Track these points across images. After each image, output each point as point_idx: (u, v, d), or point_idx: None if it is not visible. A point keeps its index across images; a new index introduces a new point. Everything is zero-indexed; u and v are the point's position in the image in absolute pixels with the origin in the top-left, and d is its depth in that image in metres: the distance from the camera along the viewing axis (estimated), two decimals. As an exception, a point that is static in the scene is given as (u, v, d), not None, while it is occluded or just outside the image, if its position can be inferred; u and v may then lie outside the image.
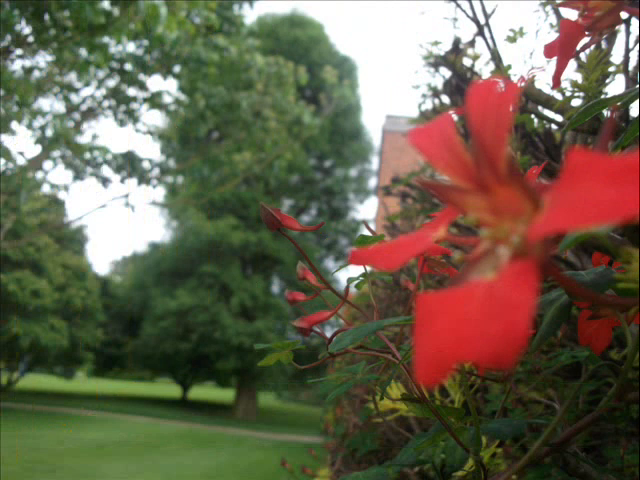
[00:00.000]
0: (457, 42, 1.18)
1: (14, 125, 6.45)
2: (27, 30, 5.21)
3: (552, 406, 0.65)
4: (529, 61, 1.06)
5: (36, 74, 6.57)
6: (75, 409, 11.63)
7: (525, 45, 1.02)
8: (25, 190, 6.51)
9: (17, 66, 7.37)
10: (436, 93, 1.41)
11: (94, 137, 7.85)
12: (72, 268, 12.74)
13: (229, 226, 14.13)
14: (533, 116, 0.87)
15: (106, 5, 4.77)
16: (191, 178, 8.70)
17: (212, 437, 9.39)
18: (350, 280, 0.56)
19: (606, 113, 0.50)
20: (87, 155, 7.40)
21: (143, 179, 8.01)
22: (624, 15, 0.44)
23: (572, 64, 0.64)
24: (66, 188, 7.77)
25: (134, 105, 7.84)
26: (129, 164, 7.69)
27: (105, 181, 7.95)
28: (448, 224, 0.25)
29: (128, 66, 7.36)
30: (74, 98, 7.92)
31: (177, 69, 7.59)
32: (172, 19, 5.31)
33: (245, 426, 11.88)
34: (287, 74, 8.34)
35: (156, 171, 8.44)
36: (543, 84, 1.08)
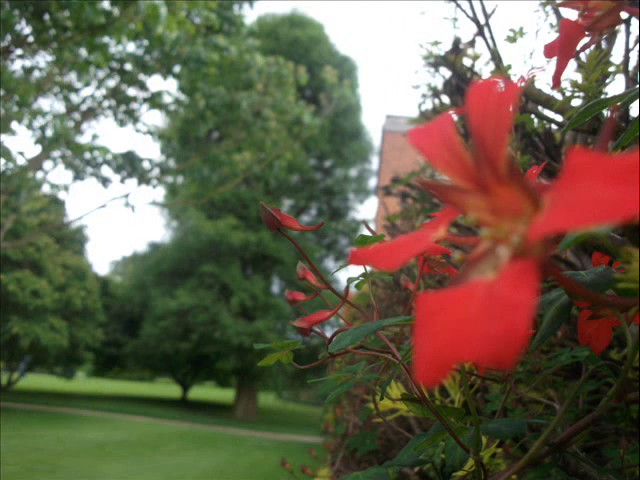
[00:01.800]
0: (457, 42, 1.18)
1: (14, 125, 6.45)
2: (27, 30, 5.21)
3: (552, 406, 0.65)
4: (529, 61, 1.06)
5: (36, 74, 6.58)
6: (75, 409, 11.63)
7: (525, 45, 1.02)
8: (25, 190, 6.52)
9: (17, 66, 7.39)
10: (436, 93, 1.41)
11: (94, 137, 7.84)
12: (72, 268, 12.74)
13: (229, 226, 14.14)
14: (533, 116, 0.87)
15: (106, 5, 4.78)
16: (191, 178, 8.70)
17: (212, 437, 9.39)
18: (350, 280, 0.56)
19: (606, 113, 0.50)
20: (87, 155, 7.40)
21: (143, 179, 8.02)
22: (624, 15, 0.44)
23: (572, 64, 0.64)
24: (66, 188, 7.77)
25: (134, 105, 7.84)
26: (129, 164, 7.68)
27: (105, 181, 7.94)
28: (448, 224, 0.25)
29: (128, 66, 7.36)
30: (74, 98, 7.92)
31: (177, 69, 7.59)
32: (172, 19, 5.31)
33: (245, 426, 11.88)
34: (287, 74, 8.35)
35: (156, 171, 8.44)
36: (543, 84, 1.08)
